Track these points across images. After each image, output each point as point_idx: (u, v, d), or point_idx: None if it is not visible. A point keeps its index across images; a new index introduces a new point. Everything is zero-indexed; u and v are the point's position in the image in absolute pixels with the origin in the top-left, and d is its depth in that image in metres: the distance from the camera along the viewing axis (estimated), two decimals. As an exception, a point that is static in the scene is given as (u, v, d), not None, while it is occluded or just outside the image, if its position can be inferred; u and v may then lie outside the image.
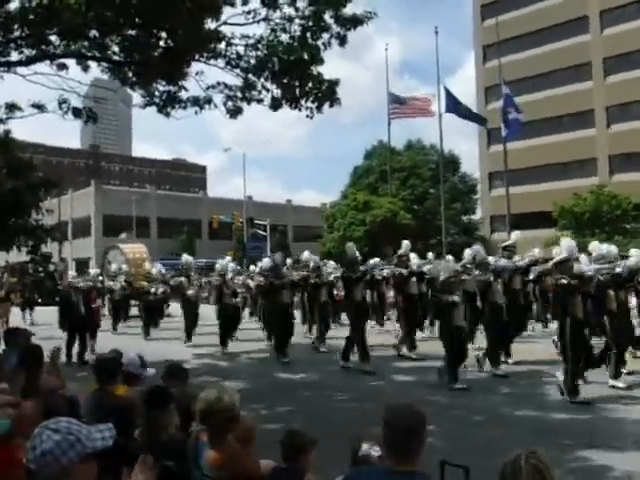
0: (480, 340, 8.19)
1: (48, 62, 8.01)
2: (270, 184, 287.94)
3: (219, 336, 9.67)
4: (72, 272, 29.30)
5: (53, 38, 7.75)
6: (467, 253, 9.37)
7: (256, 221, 33.59)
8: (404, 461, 1.53)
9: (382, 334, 10.58)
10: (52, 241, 10.97)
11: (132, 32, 7.07)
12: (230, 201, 42.45)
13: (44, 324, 13.70)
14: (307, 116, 7.01)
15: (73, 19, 6.80)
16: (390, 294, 11.34)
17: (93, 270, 11.87)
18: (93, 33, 7.38)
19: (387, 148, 29.54)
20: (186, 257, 12.05)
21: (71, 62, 8.33)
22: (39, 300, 18.90)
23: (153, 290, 12.48)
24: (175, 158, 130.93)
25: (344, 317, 11.24)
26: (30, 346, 3.81)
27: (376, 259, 10.77)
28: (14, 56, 7.75)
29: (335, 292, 11.55)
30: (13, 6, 7.16)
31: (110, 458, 1.56)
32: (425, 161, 33.18)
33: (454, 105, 20.81)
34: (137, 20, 6.63)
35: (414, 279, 8.91)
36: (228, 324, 9.88)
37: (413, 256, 9.42)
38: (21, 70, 7.93)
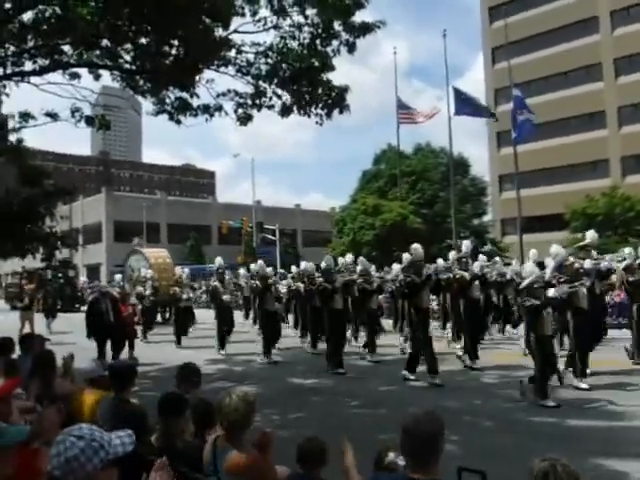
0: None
1: (61, 71, 8.14)
2: (276, 188, 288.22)
3: (263, 345, 8.96)
4: (83, 278, 29.43)
5: (66, 48, 7.88)
6: (532, 253, 8.89)
7: (265, 226, 33.69)
8: (422, 469, 1.51)
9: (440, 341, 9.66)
10: (65, 247, 11.04)
11: (144, 41, 7.17)
12: (239, 206, 42.70)
13: (63, 331, 13.66)
14: (317, 122, 7.05)
15: (86, 29, 6.92)
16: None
17: (118, 276, 11.24)
18: (105, 42, 7.50)
19: (396, 152, 29.50)
20: (219, 260, 11.34)
21: (83, 71, 8.46)
22: (59, 307, 18.73)
23: (185, 296, 12.10)
24: (184, 164, 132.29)
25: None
26: (42, 352, 3.85)
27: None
28: (28, 66, 7.91)
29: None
30: (27, 17, 7.32)
31: (128, 464, 1.57)
32: (435, 164, 33.04)
33: (463, 107, 20.70)
34: (149, 29, 6.72)
35: (476, 283, 8.32)
36: (273, 331, 9.17)
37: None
38: (34, 79, 8.07)
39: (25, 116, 8.96)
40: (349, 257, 10.52)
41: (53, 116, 8.47)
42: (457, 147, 35.34)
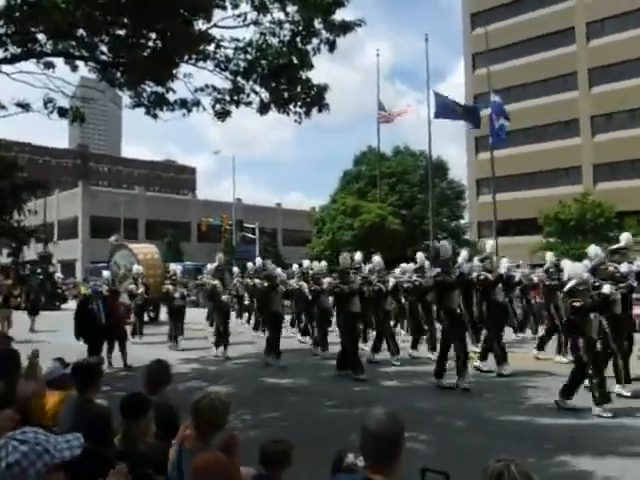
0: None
1: (34, 60, 7.87)
2: (256, 186, 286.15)
3: (272, 347, 8.47)
4: (58, 274, 28.34)
5: (40, 36, 7.63)
6: (549, 255, 8.77)
7: (245, 224, 33.46)
8: (383, 470, 1.52)
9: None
10: (36, 242, 10.56)
11: (121, 32, 7.00)
12: (219, 204, 42.29)
13: (42, 331, 12.73)
14: (295, 121, 7.03)
15: (60, 17, 6.71)
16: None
17: (106, 272, 10.33)
18: (81, 32, 7.29)
19: (376, 154, 29.77)
20: (220, 257, 10.77)
21: (59, 61, 8.21)
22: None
23: (178, 294, 11.38)
24: (165, 160, 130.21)
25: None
26: (6, 351, 3.70)
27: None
28: (-1, 53, 7.59)
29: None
30: (-2, 3, 7.04)
31: (82, 467, 1.52)
32: (414, 167, 33.50)
33: (443, 110, 20.99)
34: (125, 20, 6.57)
35: (500, 285, 7.88)
36: (279, 332, 8.65)
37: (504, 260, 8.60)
38: (6, 68, 7.78)
39: (-6, 105, 8.61)
40: (358, 255, 9.99)
41: (25, 106, 8.18)
42: (436, 149, 35.99)
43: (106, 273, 10.08)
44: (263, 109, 7.15)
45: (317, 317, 9.82)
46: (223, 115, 7.33)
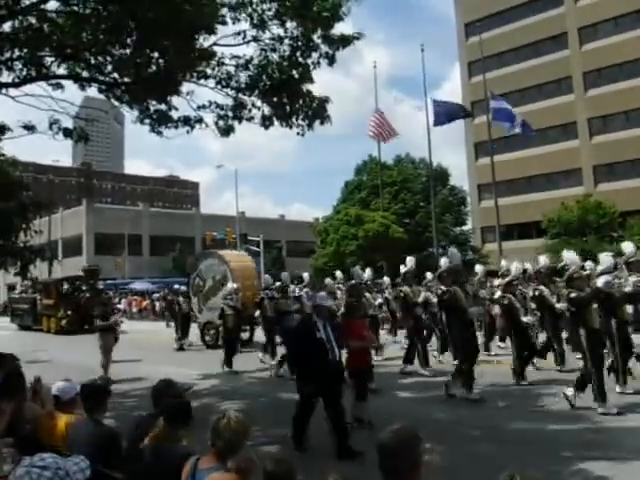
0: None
1: (40, 82, 8.00)
2: (259, 197, 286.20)
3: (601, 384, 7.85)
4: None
5: (46, 59, 7.76)
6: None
7: (249, 237, 33.51)
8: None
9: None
10: (42, 261, 10.45)
11: (124, 52, 7.11)
12: (223, 217, 42.47)
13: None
14: (298, 133, 7.09)
15: (63, 40, 6.85)
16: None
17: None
18: (84, 54, 7.41)
19: (377, 163, 29.94)
20: (231, 286, 10.16)
21: (66, 81, 8.31)
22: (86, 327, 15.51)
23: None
24: (168, 175, 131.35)
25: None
26: (15, 372, 3.69)
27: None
28: (5, 77, 7.74)
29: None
30: (3, 27, 7.19)
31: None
32: (415, 175, 33.62)
33: (441, 116, 21.13)
34: (128, 41, 6.69)
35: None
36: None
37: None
38: (11, 90, 7.90)
39: (1, 129, 8.73)
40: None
41: (30, 128, 8.29)
42: (436, 157, 35.95)
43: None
44: (266, 123, 7.22)
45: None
46: (226, 131, 7.40)
